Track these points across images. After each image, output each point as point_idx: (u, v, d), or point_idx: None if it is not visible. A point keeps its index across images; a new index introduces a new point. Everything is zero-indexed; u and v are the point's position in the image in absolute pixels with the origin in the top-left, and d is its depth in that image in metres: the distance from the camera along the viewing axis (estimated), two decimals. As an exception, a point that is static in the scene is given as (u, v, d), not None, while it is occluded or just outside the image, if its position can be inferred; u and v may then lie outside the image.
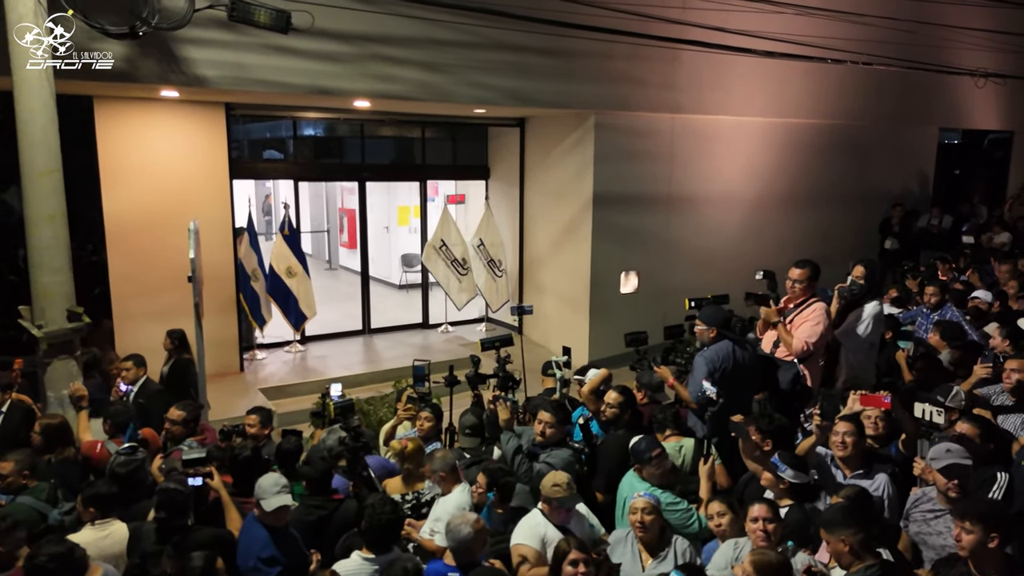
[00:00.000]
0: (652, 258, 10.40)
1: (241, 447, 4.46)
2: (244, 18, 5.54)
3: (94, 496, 3.94)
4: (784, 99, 10.98)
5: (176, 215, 8.43)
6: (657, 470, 4.07)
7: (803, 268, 5.03)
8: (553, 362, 5.37)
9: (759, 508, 3.48)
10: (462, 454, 4.69)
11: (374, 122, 10.59)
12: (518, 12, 7.55)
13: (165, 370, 6.96)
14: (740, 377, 4.63)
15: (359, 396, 7.04)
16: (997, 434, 4.15)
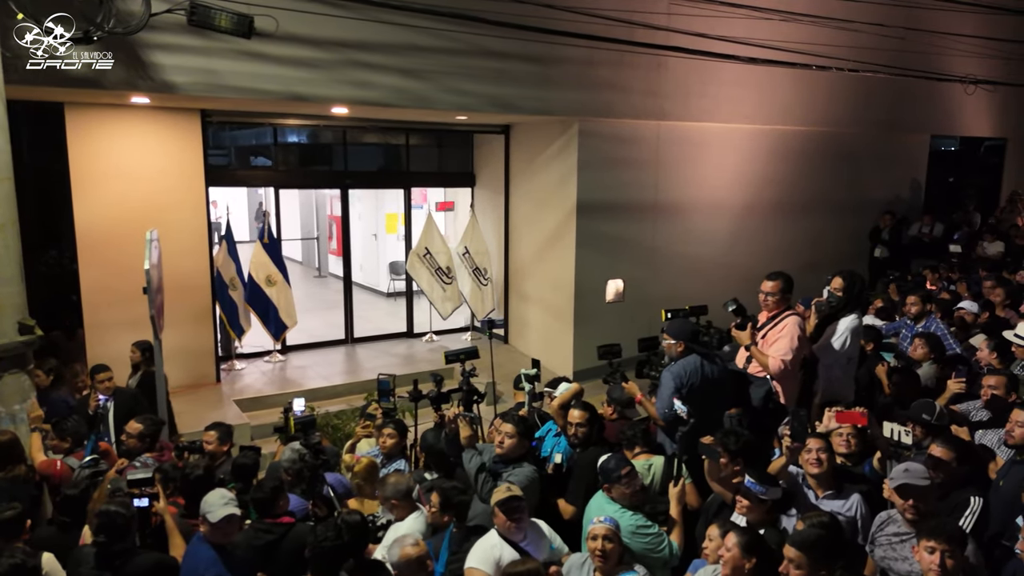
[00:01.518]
0: (638, 266, 10.26)
1: (192, 466, 4.32)
2: (204, 23, 5.40)
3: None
4: (772, 106, 10.86)
5: (150, 223, 8.23)
6: (627, 489, 3.92)
7: (775, 280, 4.88)
8: (522, 375, 5.21)
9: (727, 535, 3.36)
10: (423, 476, 4.52)
11: (357, 129, 10.46)
12: (499, 19, 7.43)
13: (133, 383, 6.81)
14: (709, 393, 4.48)
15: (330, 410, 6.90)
16: (973, 455, 4.00)
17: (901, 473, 3.42)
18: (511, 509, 3.65)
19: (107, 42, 6.12)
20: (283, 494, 4.19)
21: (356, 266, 16.06)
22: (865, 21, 9.98)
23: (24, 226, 7.82)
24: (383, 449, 4.87)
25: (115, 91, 6.65)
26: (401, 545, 3.38)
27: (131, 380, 6.80)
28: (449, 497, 3.86)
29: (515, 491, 3.74)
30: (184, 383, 8.72)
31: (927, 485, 3.38)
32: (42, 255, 8.19)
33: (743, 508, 3.78)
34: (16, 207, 4.97)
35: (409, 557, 3.34)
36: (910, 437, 3.73)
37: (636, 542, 3.77)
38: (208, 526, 3.68)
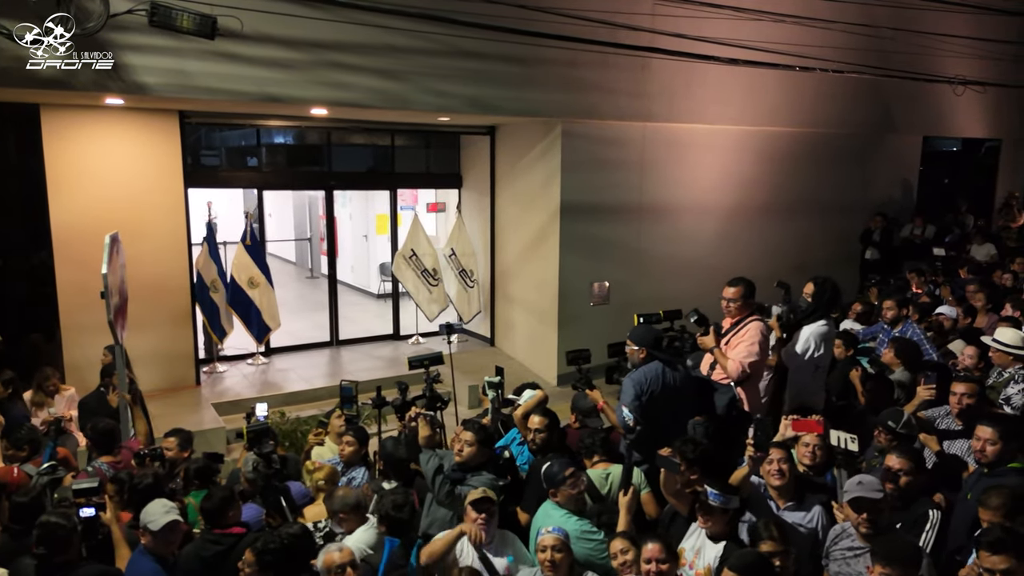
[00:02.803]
0: (623, 268, 10.18)
1: (141, 476, 4.24)
2: (165, 23, 5.34)
3: None
4: (759, 107, 10.76)
5: (127, 225, 8.17)
6: (573, 490, 3.87)
7: (736, 286, 4.80)
8: (485, 382, 5.13)
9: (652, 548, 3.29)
10: (381, 485, 4.45)
11: (342, 130, 10.40)
12: (476, 20, 7.36)
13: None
14: (671, 401, 4.40)
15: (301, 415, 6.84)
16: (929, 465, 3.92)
17: (854, 486, 3.34)
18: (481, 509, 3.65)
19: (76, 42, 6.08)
20: (233, 503, 4.12)
21: (347, 267, 16.09)
22: (851, 22, 9.89)
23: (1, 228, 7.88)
24: (342, 457, 4.80)
25: (85, 92, 6.60)
26: (327, 551, 3.35)
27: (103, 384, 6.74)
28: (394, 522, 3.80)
29: (491, 494, 3.74)
30: (162, 386, 8.67)
31: (879, 498, 3.30)
32: (18, 257, 8.12)
33: (704, 520, 3.70)
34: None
35: (332, 563, 3.30)
36: (856, 444, 3.64)
37: (581, 548, 3.70)
38: (149, 536, 3.62)
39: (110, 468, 4.76)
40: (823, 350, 4.85)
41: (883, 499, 3.34)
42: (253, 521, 4.32)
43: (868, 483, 3.33)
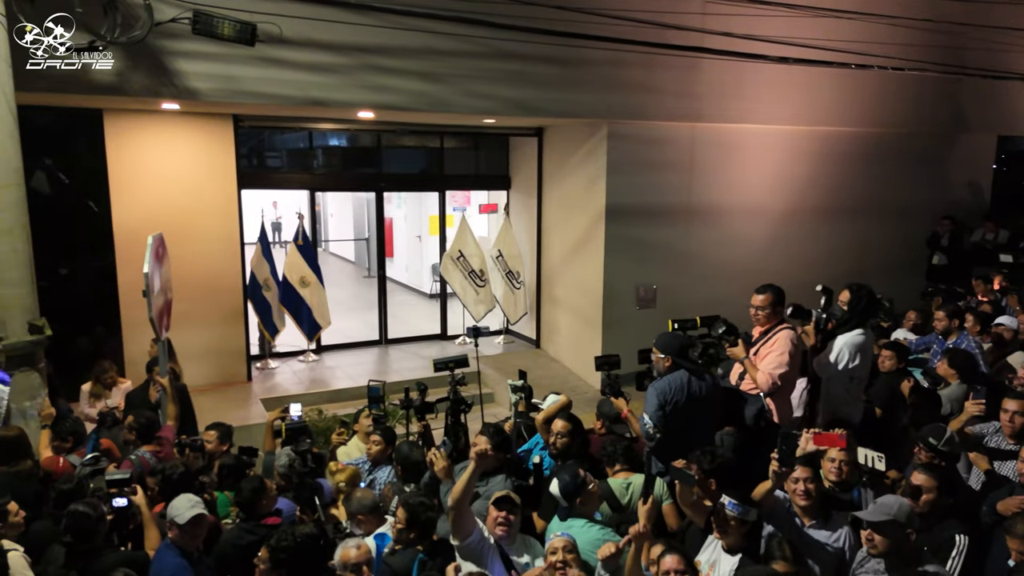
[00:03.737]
0: (670, 272, 10.00)
1: (172, 466, 4.39)
2: (207, 31, 5.52)
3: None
4: (816, 106, 10.39)
5: (184, 225, 8.58)
6: (594, 488, 3.82)
7: (764, 294, 4.63)
8: (509, 385, 5.10)
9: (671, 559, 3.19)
10: (402, 487, 4.48)
11: (391, 132, 10.55)
12: (521, 24, 7.33)
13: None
14: (696, 411, 4.28)
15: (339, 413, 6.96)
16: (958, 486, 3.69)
17: (872, 509, 3.17)
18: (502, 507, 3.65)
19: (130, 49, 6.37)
20: (264, 493, 4.23)
21: (401, 267, 16.37)
22: (913, 17, 9.43)
23: (66, 227, 8.29)
24: (369, 456, 4.86)
25: (139, 97, 6.87)
26: (344, 546, 3.38)
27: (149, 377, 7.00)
28: (416, 514, 3.79)
29: (514, 496, 3.74)
30: (214, 381, 8.98)
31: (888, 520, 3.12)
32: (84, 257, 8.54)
33: (720, 532, 3.59)
34: (26, 212, 5.19)
35: (348, 559, 3.34)
36: (883, 463, 3.45)
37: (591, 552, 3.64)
38: (176, 530, 3.74)
39: (153, 457, 4.95)
40: (858, 361, 4.63)
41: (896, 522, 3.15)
42: (287, 514, 4.42)
43: (881, 505, 3.16)
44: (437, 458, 4.07)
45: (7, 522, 3.96)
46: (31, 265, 5.23)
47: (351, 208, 19.24)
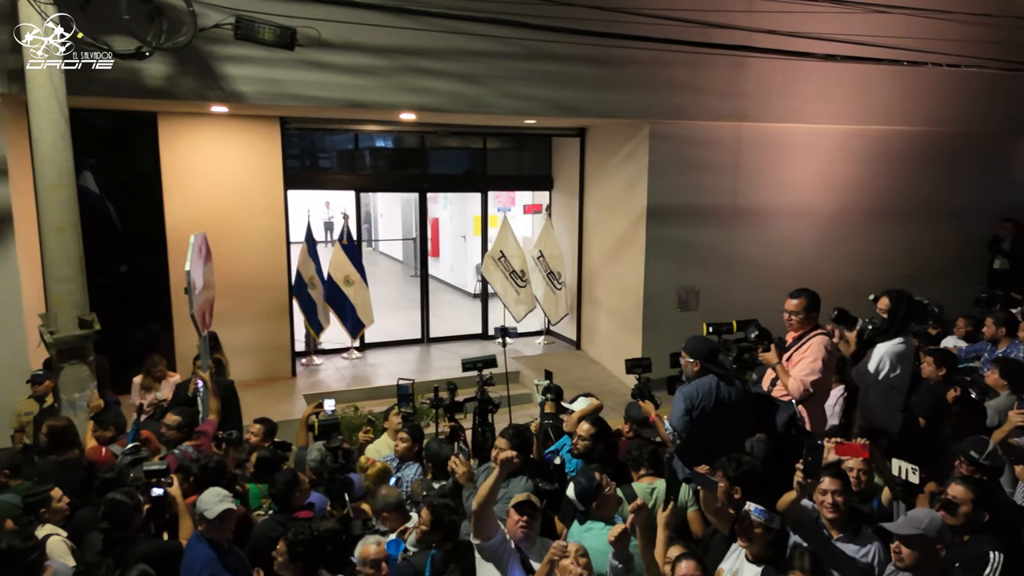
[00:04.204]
0: (714, 274, 9.83)
1: (207, 456, 4.52)
2: (248, 36, 5.67)
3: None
4: (868, 104, 10.07)
5: (232, 225, 8.84)
6: (610, 491, 3.79)
7: (798, 298, 4.51)
8: (535, 385, 5.09)
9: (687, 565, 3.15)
10: (431, 484, 4.52)
11: (434, 134, 10.65)
12: (561, 25, 7.30)
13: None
14: (724, 417, 4.20)
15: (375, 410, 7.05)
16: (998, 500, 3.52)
17: (902, 521, 3.07)
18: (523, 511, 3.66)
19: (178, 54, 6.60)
20: (298, 487, 4.33)
21: (446, 267, 16.52)
22: (970, 12, 9.06)
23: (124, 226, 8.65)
24: (396, 453, 4.93)
25: (188, 100, 7.10)
26: (365, 542, 3.43)
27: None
28: (440, 516, 3.82)
29: (533, 498, 3.75)
30: (260, 377, 9.22)
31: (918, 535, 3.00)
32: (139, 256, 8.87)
33: (744, 540, 3.52)
34: (77, 211, 5.42)
35: (367, 555, 3.39)
36: (916, 476, 3.33)
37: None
38: (206, 523, 3.85)
39: (194, 450, 5.11)
40: (899, 370, 4.47)
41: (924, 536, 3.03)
42: (318, 507, 4.52)
43: (911, 519, 3.05)
44: (457, 464, 4.09)
45: (51, 508, 4.14)
46: (81, 262, 5.47)
47: (400, 208, 19.51)
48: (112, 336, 8.43)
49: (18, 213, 6.57)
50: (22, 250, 6.62)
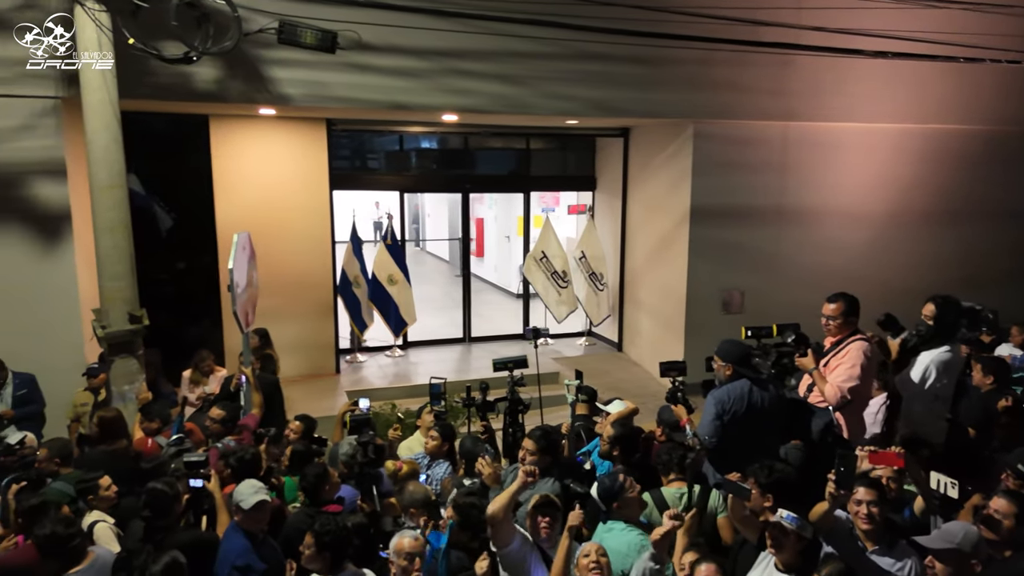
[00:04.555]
0: (759, 276, 9.64)
1: (243, 448, 4.64)
2: (291, 40, 5.81)
3: None
4: (924, 103, 9.73)
5: (279, 225, 9.07)
6: (633, 493, 3.77)
7: (836, 302, 4.38)
8: (566, 385, 5.07)
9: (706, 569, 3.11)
10: (461, 481, 4.56)
11: (478, 134, 10.71)
12: (604, 25, 7.26)
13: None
14: (756, 422, 4.12)
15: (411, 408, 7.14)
16: None
17: (936, 535, 2.96)
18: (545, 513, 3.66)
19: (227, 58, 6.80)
20: (327, 481, 4.42)
21: (491, 267, 16.59)
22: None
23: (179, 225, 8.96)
24: (427, 450, 4.98)
25: (235, 103, 7.30)
26: (401, 535, 3.47)
27: None
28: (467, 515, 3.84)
29: (554, 499, 3.76)
30: (304, 373, 9.42)
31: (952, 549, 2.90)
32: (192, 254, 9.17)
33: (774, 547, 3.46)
34: (128, 211, 5.64)
35: (400, 548, 3.43)
36: (956, 490, 3.20)
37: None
38: (241, 514, 3.96)
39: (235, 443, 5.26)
40: (945, 379, 4.32)
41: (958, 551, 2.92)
42: (348, 500, 4.60)
43: (944, 533, 2.94)
44: (484, 465, 4.12)
45: (98, 496, 4.32)
46: (132, 260, 5.68)
47: (447, 208, 19.67)
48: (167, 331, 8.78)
49: (76, 212, 6.85)
50: (80, 248, 6.90)
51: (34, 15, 6.20)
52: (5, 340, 6.77)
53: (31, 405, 6.34)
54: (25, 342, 6.73)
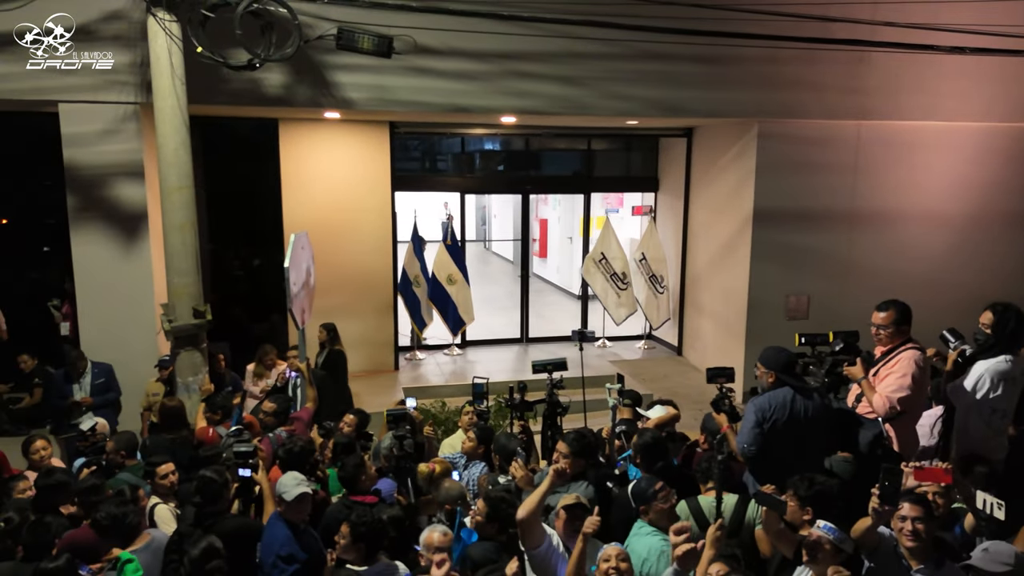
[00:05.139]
0: (827, 281, 9.30)
1: (292, 441, 4.81)
2: (349, 45, 5.97)
3: None
4: (1013, 99, 9.16)
5: (342, 225, 9.35)
6: (664, 505, 3.70)
7: (887, 311, 4.18)
8: (607, 388, 5.02)
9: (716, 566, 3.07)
10: (496, 479, 4.60)
11: (539, 136, 10.74)
12: (669, 25, 7.13)
13: (320, 359, 7.74)
14: (799, 432, 3.98)
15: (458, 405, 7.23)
16: None
17: (980, 554, 2.81)
18: (574, 516, 3.66)
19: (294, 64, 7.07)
20: (364, 471, 4.54)
21: (553, 268, 16.58)
22: None
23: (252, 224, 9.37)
24: (463, 450, 5.04)
25: (302, 107, 7.56)
26: (431, 529, 3.53)
27: (319, 357, 7.71)
28: (497, 508, 3.88)
29: (584, 501, 3.76)
30: (365, 368, 9.67)
31: (1006, 572, 2.74)
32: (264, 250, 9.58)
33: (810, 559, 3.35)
34: (195, 211, 5.94)
35: (430, 542, 3.49)
36: (1002, 512, 3.01)
37: (661, 567, 3.52)
38: (284, 505, 4.11)
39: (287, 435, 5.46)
40: (1001, 390, 4.06)
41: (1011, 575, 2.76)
42: (386, 493, 4.71)
43: (995, 553, 2.77)
44: (516, 468, 4.14)
45: (155, 480, 4.57)
46: (197, 257, 5.98)
47: (512, 210, 19.75)
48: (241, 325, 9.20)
49: (152, 213, 7.25)
50: (155, 246, 7.31)
51: (118, 27, 6.66)
52: (87, 332, 7.27)
53: (109, 393, 6.79)
54: (105, 334, 7.19)
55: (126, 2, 6.48)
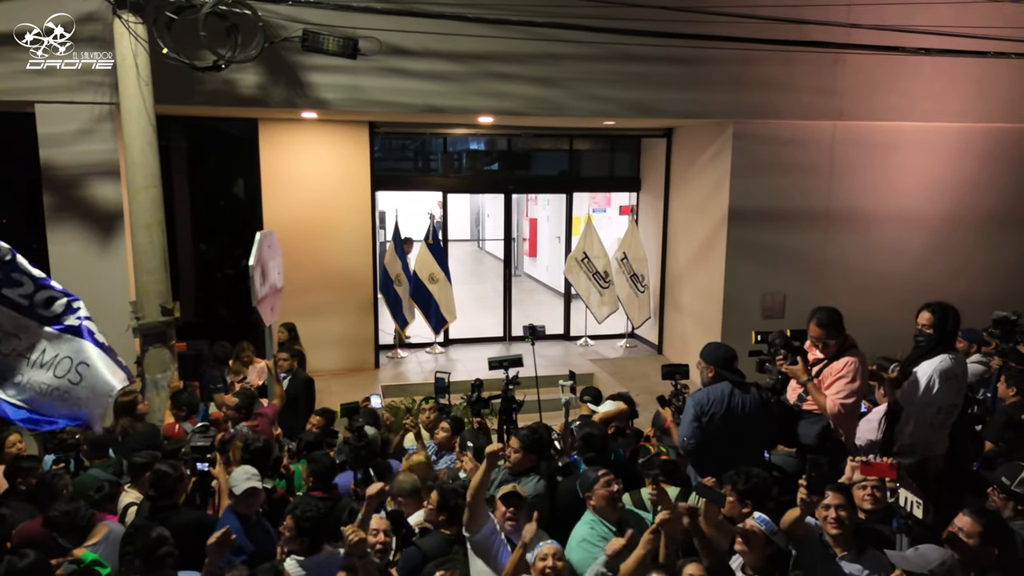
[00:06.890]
0: (803, 281, 9.36)
1: (254, 438, 4.89)
2: (315, 47, 6.06)
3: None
4: (990, 100, 9.21)
5: (323, 223, 9.43)
6: (605, 490, 3.76)
7: (824, 327, 4.29)
8: (560, 385, 5.09)
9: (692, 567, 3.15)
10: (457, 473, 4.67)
11: (521, 136, 10.81)
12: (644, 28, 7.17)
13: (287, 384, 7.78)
14: (737, 426, 4.05)
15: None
16: (1006, 535, 3.18)
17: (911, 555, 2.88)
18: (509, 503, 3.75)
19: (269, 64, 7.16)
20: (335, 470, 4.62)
21: (543, 267, 16.66)
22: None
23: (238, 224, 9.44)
24: (436, 442, 5.12)
25: (279, 108, 7.64)
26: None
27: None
28: (446, 499, 3.96)
29: (520, 490, 3.85)
30: (345, 367, 9.76)
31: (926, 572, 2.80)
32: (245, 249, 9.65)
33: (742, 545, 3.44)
34: (162, 210, 6.02)
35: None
36: (921, 510, 3.06)
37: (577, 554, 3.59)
38: (233, 498, 4.19)
39: (250, 430, 5.54)
40: (947, 388, 4.13)
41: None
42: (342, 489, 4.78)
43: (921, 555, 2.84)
44: (464, 461, 4.22)
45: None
46: (165, 256, 6.07)
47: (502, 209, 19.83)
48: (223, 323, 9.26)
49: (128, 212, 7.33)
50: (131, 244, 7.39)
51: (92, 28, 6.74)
52: (63, 328, 7.33)
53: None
54: (81, 330, 7.26)
55: (100, 4, 6.57)
